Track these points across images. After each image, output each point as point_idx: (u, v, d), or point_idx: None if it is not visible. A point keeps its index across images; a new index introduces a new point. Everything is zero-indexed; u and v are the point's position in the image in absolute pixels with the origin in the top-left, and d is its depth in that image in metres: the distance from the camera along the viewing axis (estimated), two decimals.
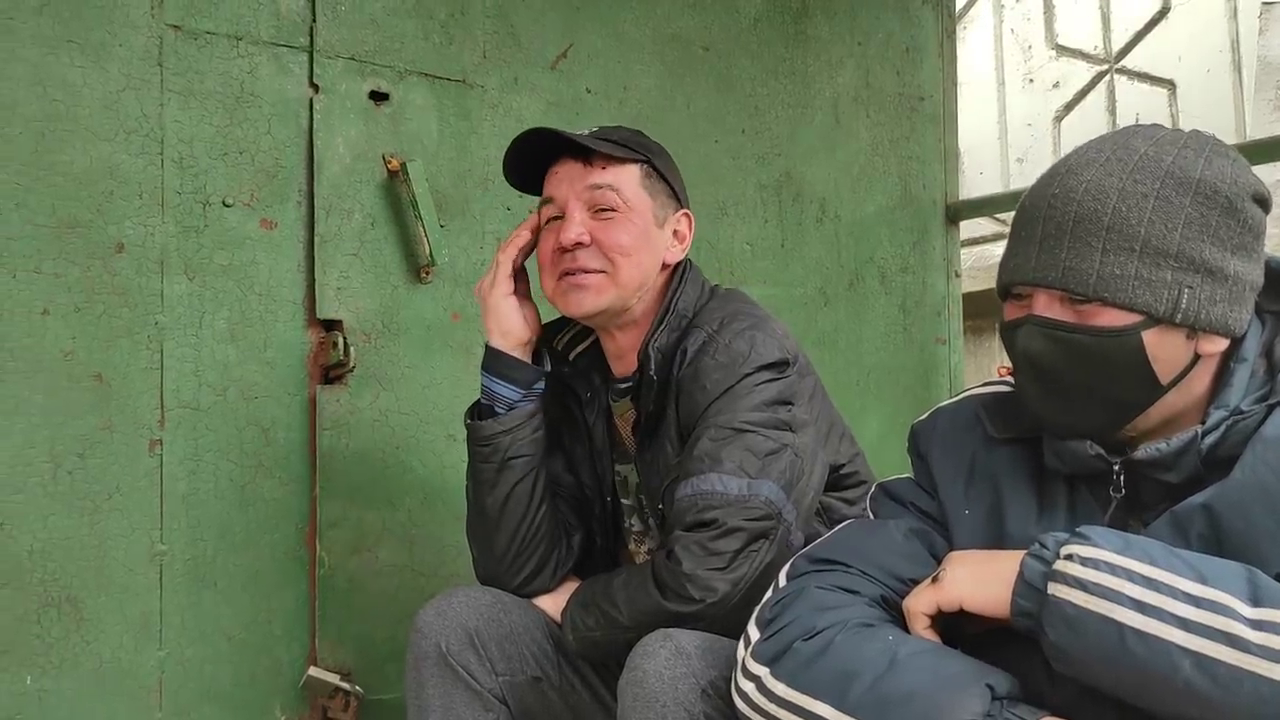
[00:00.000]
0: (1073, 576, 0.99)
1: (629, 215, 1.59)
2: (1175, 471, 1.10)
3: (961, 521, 1.24)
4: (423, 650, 1.56)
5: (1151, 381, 1.10)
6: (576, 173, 1.59)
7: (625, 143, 1.62)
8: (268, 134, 2.06)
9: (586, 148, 1.58)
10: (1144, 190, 1.08)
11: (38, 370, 1.84)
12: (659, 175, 1.64)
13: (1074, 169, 1.12)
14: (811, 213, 2.82)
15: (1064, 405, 1.13)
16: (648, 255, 1.61)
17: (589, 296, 1.59)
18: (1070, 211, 1.09)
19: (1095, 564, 0.99)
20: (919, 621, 1.12)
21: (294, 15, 2.10)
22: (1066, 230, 1.09)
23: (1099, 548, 1.00)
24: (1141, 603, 0.96)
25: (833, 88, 2.87)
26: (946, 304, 3.08)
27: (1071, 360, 1.10)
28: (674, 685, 1.25)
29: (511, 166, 1.66)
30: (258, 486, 2.03)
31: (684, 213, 1.68)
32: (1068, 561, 1.00)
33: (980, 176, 5.16)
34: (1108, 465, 1.13)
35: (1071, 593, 0.99)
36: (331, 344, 2.08)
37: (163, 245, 1.95)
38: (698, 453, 1.48)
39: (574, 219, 1.58)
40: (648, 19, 2.56)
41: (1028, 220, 1.14)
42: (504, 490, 1.62)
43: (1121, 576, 0.97)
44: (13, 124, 1.83)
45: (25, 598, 1.81)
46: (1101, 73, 4.90)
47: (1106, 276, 1.07)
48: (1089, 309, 1.09)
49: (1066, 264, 1.09)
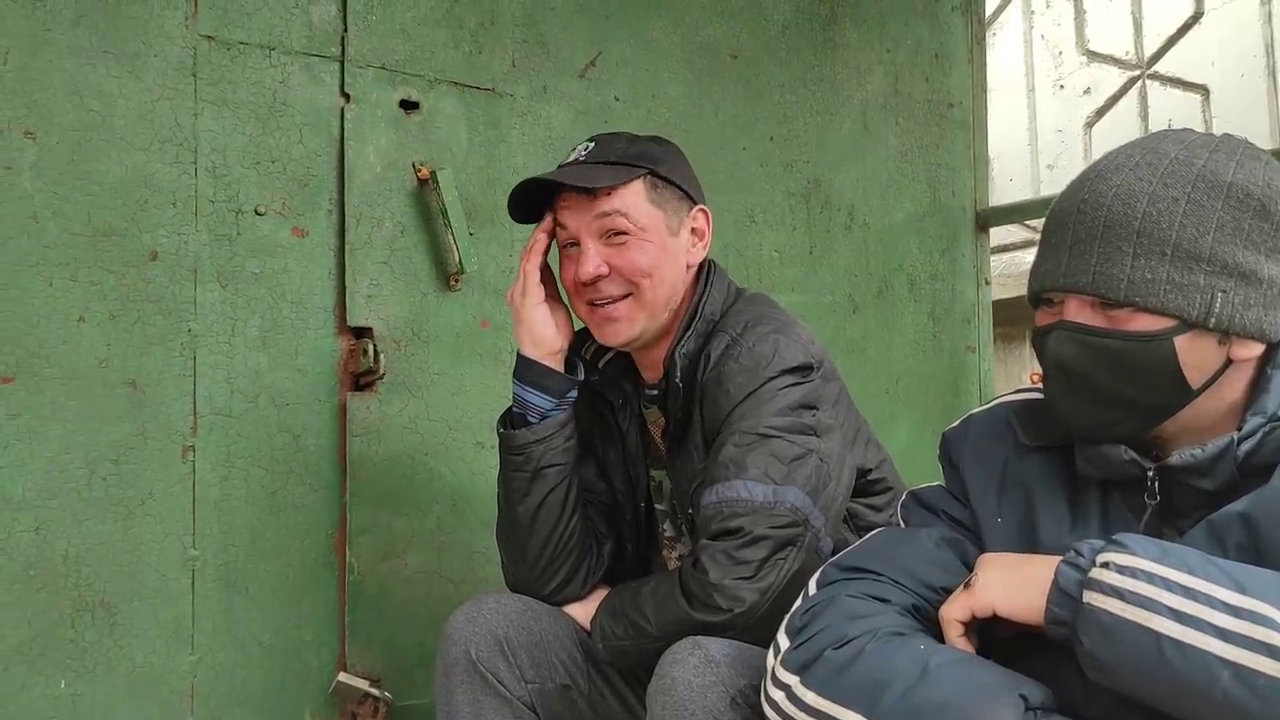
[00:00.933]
0: (1109, 585, 0.97)
1: (642, 235, 1.57)
2: (1211, 478, 1.09)
3: (994, 530, 1.22)
4: (452, 657, 1.57)
5: (1182, 386, 1.09)
6: (583, 204, 1.58)
7: (624, 158, 1.59)
8: (299, 143, 2.08)
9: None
10: (1175, 194, 1.07)
11: (73, 377, 1.86)
12: (665, 181, 1.61)
13: (1103, 174, 1.12)
14: (840, 220, 2.81)
15: (1093, 410, 1.12)
16: (669, 269, 1.60)
17: (623, 328, 1.59)
18: (1100, 216, 1.09)
19: (1132, 572, 0.97)
20: (954, 629, 1.11)
21: (326, 25, 2.12)
22: (1097, 235, 1.09)
23: (1136, 555, 0.98)
24: (1179, 612, 0.94)
25: (861, 94, 2.86)
26: (976, 311, 3.06)
27: (1102, 365, 1.10)
28: (703, 694, 1.24)
29: (514, 206, 1.65)
30: (288, 493, 2.04)
31: (699, 209, 1.66)
32: (1104, 570, 0.99)
33: (1010, 183, 5.12)
34: (1142, 471, 1.12)
35: (1108, 601, 0.97)
36: (362, 351, 2.10)
37: (196, 253, 1.97)
38: (722, 458, 1.48)
39: (589, 252, 1.57)
40: (676, 27, 2.56)
41: (1058, 226, 1.13)
42: (536, 499, 1.62)
43: (1159, 585, 0.96)
44: (50, 133, 1.85)
45: (60, 602, 1.83)
46: (1134, 78, 4.86)
47: (1138, 281, 1.07)
48: (1120, 314, 1.08)
49: (1097, 269, 1.08)
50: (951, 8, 3.06)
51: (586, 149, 1.62)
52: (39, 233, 1.84)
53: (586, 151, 1.62)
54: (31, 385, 1.82)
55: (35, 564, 1.81)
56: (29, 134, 1.84)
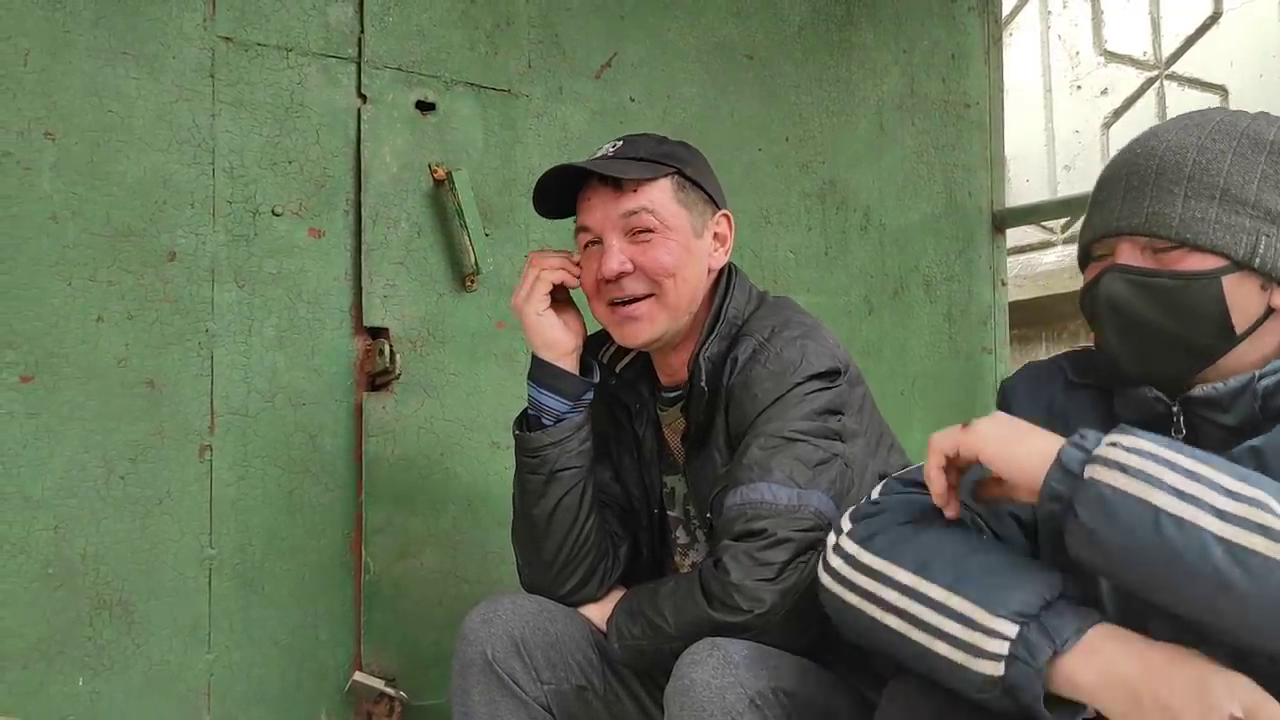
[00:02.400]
0: (1114, 460, 1.00)
1: (667, 234, 1.57)
2: (1232, 414, 1.14)
3: None
4: (468, 657, 1.57)
5: (1227, 329, 1.14)
6: (609, 199, 1.57)
7: (653, 156, 1.59)
8: (316, 144, 2.08)
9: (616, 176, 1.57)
10: (1221, 147, 1.16)
11: (92, 376, 1.87)
12: (692, 183, 1.61)
13: (1154, 133, 1.21)
14: (855, 221, 2.80)
15: (1141, 351, 1.18)
16: (692, 270, 1.60)
17: (644, 328, 1.58)
18: (1153, 165, 1.17)
19: (1138, 451, 1.00)
20: (936, 458, 1.15)
21: (342, 27, 2.13)
22: (1149, 181, 1.16)
23: (1142, 439, 1.02)
24: (1180, 490, 0.97)
25: (877, 95, 2.85)
26: (993, 313, 3.05)
27: (1152, 305, 1.15)
28: (721, 694, 1.24)
29: (540, 197, 1.65)
30: (305, 492, 2.05)
31: (723, 214, 1.66)
32: (1110, 447, 1.02)
33: (1027, 184, 5.10)
34: (1168, 408, 1.17)
35: (1110, 474, 1.00)
36: (378, 351, 2.10)
37: (213, 254, 1.98)
38: (747, 461, 1.47)
39: (613, 248, 1.56)
40: (692, 28, 2.56)
41: (1111, 180, 1.21)
42: (552, 501, 1.62)
43: (1163, 465, 0.99)
44: (69, 134, 1.87)
45: (78, 600, 1.84)
46: (1151, 79, 4.83)
47: (1189, 220, 1.14)
48: (1171, 256, 1.15)
49: (1150, 210, 1.15)
50: (968, 8, 3.05)
51: (615, 146, 1.62)
52: (58, 233, 1.85)
53: (615, 149, 1.62)
54: (50, 384, 1.83)
55: (54, 562, 1.82)
56: (49, 135, 1.85)
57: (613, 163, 1.58)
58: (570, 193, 1.63)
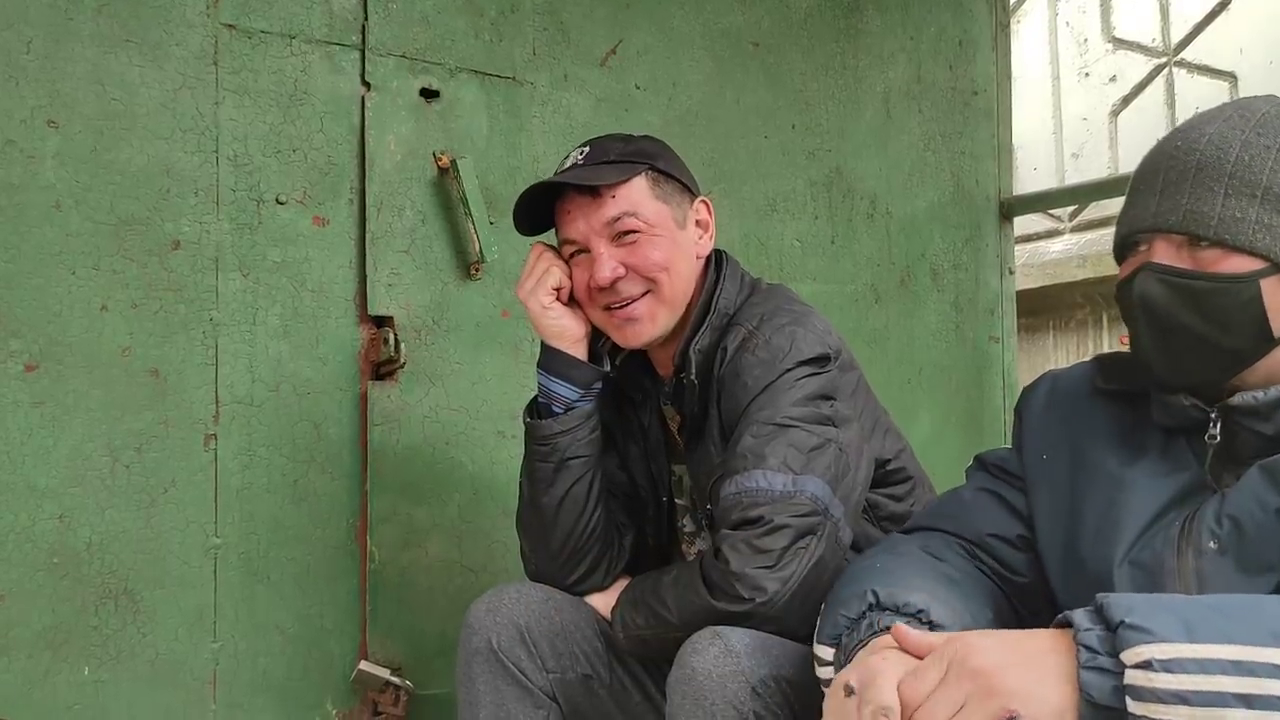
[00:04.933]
0: (1169, 691, 0.86)
1: (652, 231, 1.56)
2: (1272, 423, 1.10)
3: (1038, 466, 1.27)
4: (474, 646, 1.57)
5: (1264, 333, 1.10)
6: (588, 208, 1.56)
7: (622, 156, 1.59)
8: (320, 132, 2.08)
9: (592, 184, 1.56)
10: (1266, 143, 1.11)
11: (96, 365, 1.87)
12: (665, 176, 1.61)
13: (1196, 124, 1.16)
14: (862, 209, 2.79)
15: (1175, 354, 1.14)
16: (683, 262, 1.60)
17: (645, 326, 1.58)
18: (1193, 160, 1.12)
19: (1181, 665, 0.86)
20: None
21: (346, 14, 2.12)
22: (1189, 176, 1.12)
23: (1170, 641, 0.87)
24: (1246, 696, 0.85)
25: (884, 82, 2.84)
26: (1000, 302, 3.03)
27: (1187, 307, 1.11)
28: (723, 684, 1.24)
29: (520, 217, 1.64)
30: (310, 481, 2.05)
31: (701, 201, 1.66)
32: (1147, 671, 0.87)
33: (1034, 172, 5.08)
34: (1204, 414, 1.13)
35: (1173, 711, 0.85)
36: (382, 340, 2.10)
37: (217, 242, 1.98)
38: (740, 450, 1.46)
39: (602, 256, 1.56)
40: (697, 15, 2.54)
41: (1148, 173, 1.16)
42: (561, 490, 1.61)
43: (1215, 672, 0.85)
44: (73, 122, 1.86)
45: (84, 590, 1.84)
46: (1160, 66, 4.80)
47: (1228, 219, 1.09)
48: (1208, 256, 1.10)
49: (1188, 207, 1.11)
50: None
51: (582, 153, 1.61)
52: (62, 222, 1.85)
53: (583, 155, 1.61)
54: (55, 374, 1.83)
55: (59, 551, 1.83)
56: (52, 123, 1.84)
57: (583, 171, 1.57)
58: (547, 207, 1.62)
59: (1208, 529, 1.09)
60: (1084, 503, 1.21)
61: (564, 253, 1.62)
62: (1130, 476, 1.18)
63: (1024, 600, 1.28)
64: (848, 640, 1.13)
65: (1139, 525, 1.15)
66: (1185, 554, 1.11)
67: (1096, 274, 4.69)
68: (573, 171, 1.59)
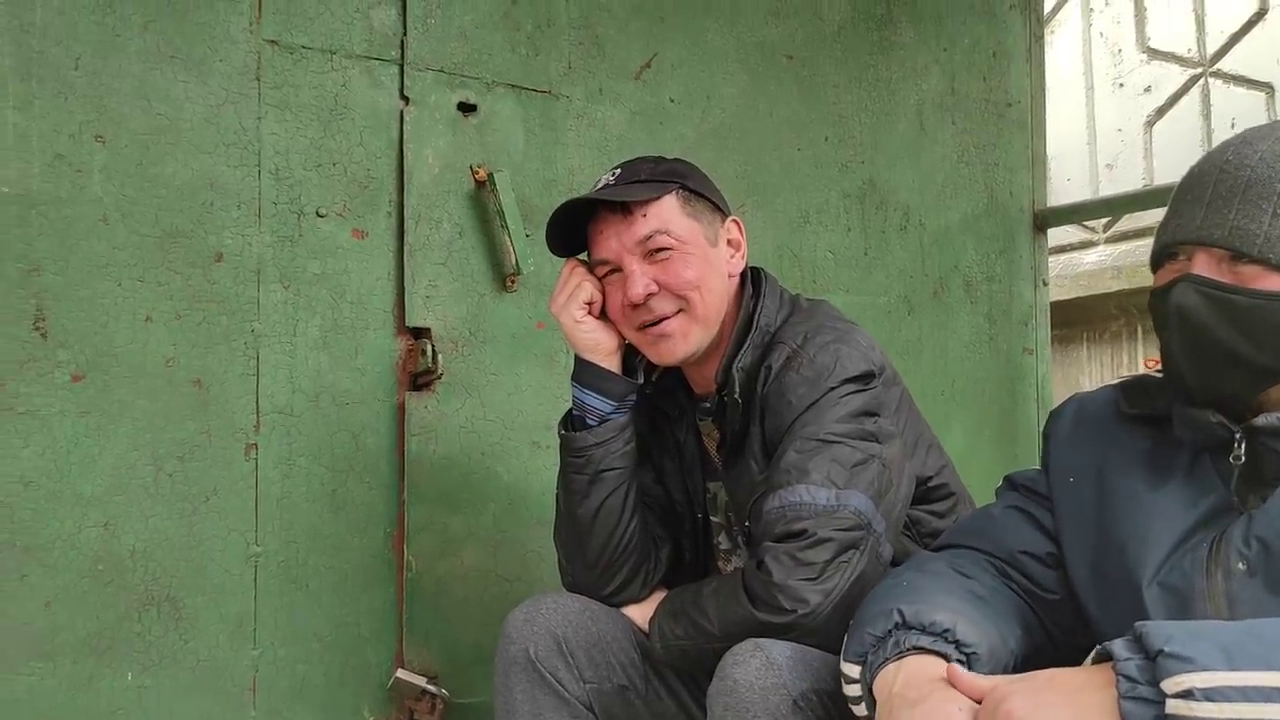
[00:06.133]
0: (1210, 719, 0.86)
1: (684, 249, 1.58)
2: None
3: (1064, 488, 1.26)
4: (511, 655, 1.58)
5: None
6: (620, 226, 1.58)
7: (653, 176, 1.61)
8: (360, 145, 2.11)
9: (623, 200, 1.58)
10: None
11: (141, 376, 1.90)
12: (696, 194, 1.62)
13: (1249, 140, 1.16)
14: (895, 221, 2.79)
15: (1206, 365, 1.14)
16: (715, 279, 1.61)
17: (678, 344, 1.59)
18: (1244, 176, 1.12)
19: (1223, 694, 0.86)
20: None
21: (386, 29, 2.14)
22: (1238, 192, 1.12)
23: (1210, 669, 0.87)
24: None
25: (918, 94, 2.84)
26: (1034, 313, 3.02)
27: (1223, 320, 1.11)
28: (765, 696, 1.24)
29: (554, 238, 1.66)
30: (348, 491, 2.07)
31: (731, 220, 1.67)
32: (1189, 700, 0.87)
33: (1068, 183, 5.05)
34: (1229, 433, 1.13)
35: None
36: (420, 351, 2.12)
37: (259, 254, 2.01)
38: (784, 465, 1.47)
39: (635, 273, 1.57)
40: (731, 28, 2.56)
41: (1195, 184, 1.16)
42: (596, 501, 1.63)
43: (1257, 699, 0.86)
44: (120, 137, 1.90)
45: (127, 596, 1.87)
46: (1195, 76, 4.77)
47: (1274, 238, 1.10)
48: (1249, 272, 1.10)
49: (1234, 223, 1.11)
50: (1009, 6, 3.03)
51: (614, 174, 1.63)
52: (108, 235, 1.88)
53: (615, 176, 1.63)
54: (101, 384, 1.86)
55: (104, 559, 1.86)
56: (99, 138, 1.88)
57: (616, 190, 1.59)
58: (580, 229, 1.64)
59: (1236, 550, 1.09)
60: (1111, 526, 1.21)
61: (598, 273, 1.64)
62: (1157, 499, 1.18)
63: (1054, 618, 1.28)
64: (873, 658, 1.14)
65: (1166, 547, 1.15)
66: (1214, 576, 1.10)
67: (1131, 285, 4.66)
68: (605, 190, 1.60)
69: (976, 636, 1.14)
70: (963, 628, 1.13)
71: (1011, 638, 1.20)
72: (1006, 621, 1.22)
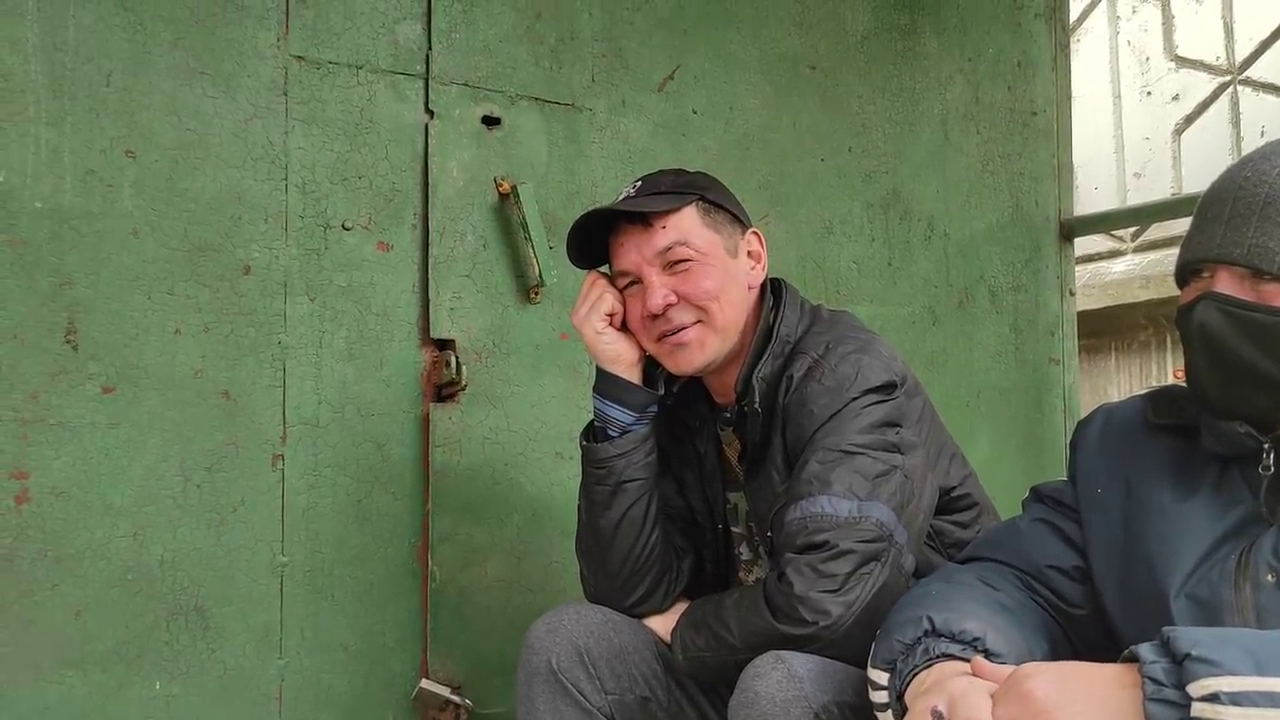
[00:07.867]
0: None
1: (704, 260, 1.59)
2: None
3: (1092, 499, 1.26)
4: (534, 666, 1.58)
5: None
6: (640, 238, 1.59)
7: (673, 188, 1.62)
8: (385, 159, 2.13)
9: (643, 212, 1.59)
10: None
11: (170, 387, 1.92)
12: (716, 206, 1.63)
13: (1267, 155, 1.15)
14: (919, 230, 2.78)
15: (1230, 383, 1.13)
16: (735, 290, 1.61)
17: (695, 353, 1.60)
18: (1262, 193, 1.12)
19: (1249, 699, 0.86)
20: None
21: (411, 44, 2.17)
22: (1256, 210, 1.11)
23: (1238, 674, 0.87)
24: None
25: (942, 104, 2.83)
26: (1060, 323, 3.00)
27: (1245, 338, 1.11)
28: (786, 709, 1.24)
29: (575, 251, 1.67)
30: (373, 501, 2.08)
31: (751, 232, 1.68)
32: (1214, 704, 0.87)
33: (1095, 192, 5.02)
34: (1258, 444, 1.13)
35: None
36: (444, 363, 2.13)
37: (286, 267, 2.03)
38: (806, 475, 1.47)
39: (654, 284, 1.58)
40: (754, 39, 2.56)
41: (1215, 201, 1.16)
42: (618, 512, 1.63)
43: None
44: (149, 152, 1.92)
45: (156, 606, 1.89)
46: (1224, 84, 4.72)
47: None
48: (1271, 289, 1.10)
49: (1253, 241, 1.11)
50: (1035, 15, 3.02)
51: (635, 187, 1.65)
52: (138, 248, 1.91)
53: (635, 189, 1.64)
54: (130, 395, 1.89)
55: (133, 568, 1.88)
56: (130, 153, 1.91)
57: (636, 201, 1.60)
58: (601, 242, 1.65)
59: (1265, 562, 1.09)
60: (1138, 536, 1.21)
61: (618, 285, 1.65)
62: (1184, 510, 1.17)
63: (1080, 632, 1.28)
64: (902, 665, 1.14)
65: (1194, 559, 1.14)
66: (1243, 588, 1.10)
67: (1160, 295, 4.62)
68: (624, 203, 1.61)
69: (1005, 646, 1.14)
70: (992, 637, 1.13)
71: (1039, 650, 1.20)
72: (1034, 634, 1.22)
